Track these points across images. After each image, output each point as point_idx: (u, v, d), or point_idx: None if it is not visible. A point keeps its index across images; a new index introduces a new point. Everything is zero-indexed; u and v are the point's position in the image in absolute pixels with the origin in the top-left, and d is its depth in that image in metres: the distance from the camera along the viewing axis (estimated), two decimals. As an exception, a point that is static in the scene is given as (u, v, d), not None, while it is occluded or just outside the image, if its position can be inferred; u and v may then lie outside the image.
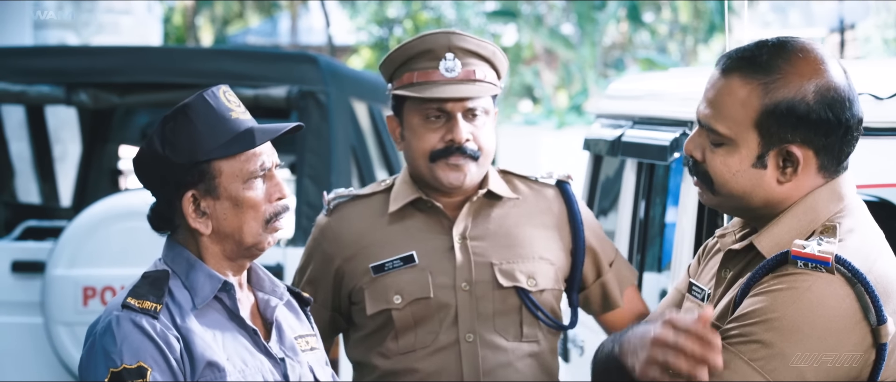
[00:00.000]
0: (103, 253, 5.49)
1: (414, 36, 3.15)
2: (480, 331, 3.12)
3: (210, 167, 2.45)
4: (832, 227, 2.24)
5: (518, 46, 25.50)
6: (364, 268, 3.16)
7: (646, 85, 4.55)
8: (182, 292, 2.47)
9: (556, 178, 3.29)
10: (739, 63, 2.26)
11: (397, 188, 3.22)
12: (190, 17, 27.25)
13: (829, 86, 2.23)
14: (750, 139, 2.25)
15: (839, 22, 18.28)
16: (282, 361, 2.53)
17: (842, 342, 2.15)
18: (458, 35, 3.10)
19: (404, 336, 3.14)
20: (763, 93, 2.23)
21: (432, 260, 3.14)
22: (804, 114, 2.22)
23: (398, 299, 3.13)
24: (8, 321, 5.69)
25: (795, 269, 2.18)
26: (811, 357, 2.14)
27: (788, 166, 2.26)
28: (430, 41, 3.09)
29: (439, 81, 3.08)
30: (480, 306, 3.13)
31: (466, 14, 25.91)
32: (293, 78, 5.73)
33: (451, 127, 3.09)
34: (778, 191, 2.28)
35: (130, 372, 2.37)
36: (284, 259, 5.47)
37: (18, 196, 7.39)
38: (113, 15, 9.80)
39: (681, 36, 26.19)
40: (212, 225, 2.48)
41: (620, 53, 26.51)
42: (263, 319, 2.58)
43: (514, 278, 3.14)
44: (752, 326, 2.17)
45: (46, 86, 5.89)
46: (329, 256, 3.21)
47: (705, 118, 2.29)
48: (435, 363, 3.12)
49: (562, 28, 26.06)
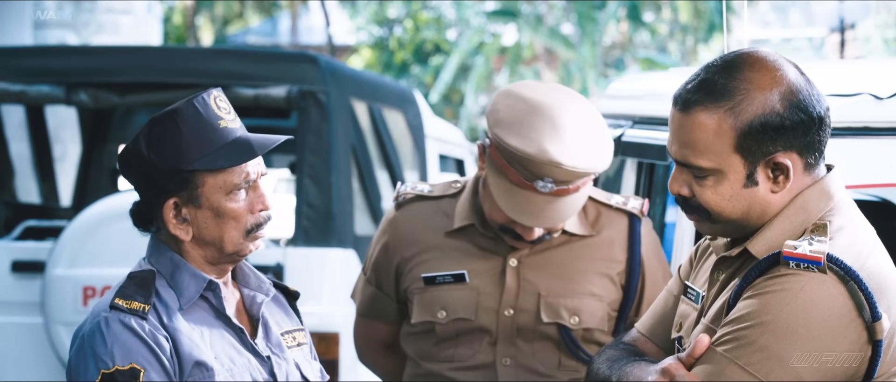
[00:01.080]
0: (103, 252, 5.48)
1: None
2: (518, 357, 3.13)
3: (193, 176, 2.43)
4: (823, 226, 2.24)
5: (518, 46, 25.49)
6: (417, 275, 3.20)
7: (646, 85, 4.55)
8: (168, 292, 2.47)
9: (630, 209, 3.22)
10: (697, 96, 2.26)
11: (463, 201, 3.21)
12: (190, 16, 27.24)
13: (791, 89, 2.24)
14: (734, 163, 2.26)
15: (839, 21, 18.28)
16: (267, 359, 2.52)
17: (838, 341, 2.15)
18: (562, 169, 2.94)
19: (445, 348, 3.17)
20: (733, 118, 2.23)
21: (482, 282, 3.14)
22: (779, 124, 2.23)
23: (442, 314, 3.15)
24: (8, 321, 5.68)
25: (787, 270, 2.18)
26: (807, 357, 2.14)
27: (779, 174, 2.27)
28: (534, 165, 2.94)
29: (530, 191, 2.97)
30: (521, 333, 3.13)
31: (466, 14, 25.91)
32: (293, 78, 5.72)
33: (526, 229, 3.06)
34: (774, 200, 2.28)
35: (123, 374, 2.36)
36: (284, 259, 5.46)
37: (18, 195, 7.37)
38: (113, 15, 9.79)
39: (681, 35, 26.20)
40: (192, 232, 2.46)
41: (620, 53, 26.51)
42: (250, 316, 2.57)
43: (558, 314, 3.12)
44: (746, 330, 2.17)
45: (46, 86, 5.89)
46: (392, 250, 3.25)
47: (683, 157, 2.29)
48: (472, 376, 3.15)
49: (562, 28, 26.05)
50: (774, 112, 2.22)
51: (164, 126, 2.44)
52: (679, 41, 26.46)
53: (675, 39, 26.53)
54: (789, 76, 2.25)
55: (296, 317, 2.68)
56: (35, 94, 5.89)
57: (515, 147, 2.94)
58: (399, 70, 27.23)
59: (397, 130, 6.65)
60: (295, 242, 5.58)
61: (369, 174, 6.27)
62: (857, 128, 3.14)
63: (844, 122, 3.11)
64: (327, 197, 5.58)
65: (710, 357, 2.20)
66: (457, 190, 3.25)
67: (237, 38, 29.45)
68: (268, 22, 30.83)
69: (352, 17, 28.04)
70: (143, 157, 2.44)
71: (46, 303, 5.50)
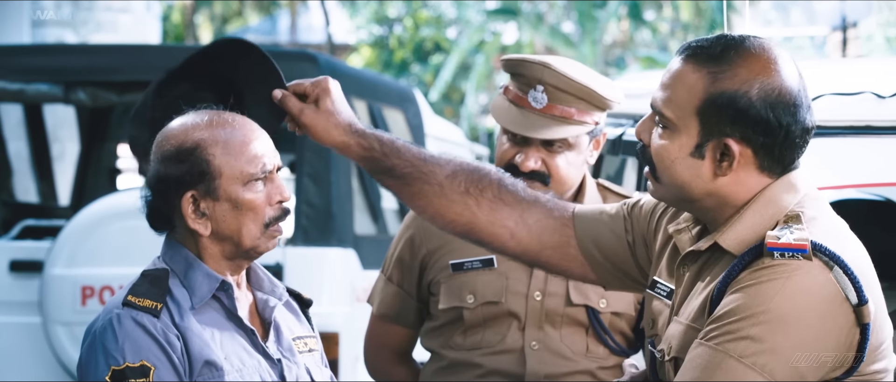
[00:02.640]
0: (102, 252, 5.48)
1: (512, 52, 3.22)
2: (546, 341, 3.18)
3: (209, 166, 2.44)
4: (796, 216, 2.24)
5: (518, 44, 25.49)
6: (444, 264, 3.24)
7: (647, 83, 4.53)
8: (181, 291, 2.46)
9: None
10: (695, 51, 2.29)
11: None
12: (189, 15, 27.24)
13: (776, 87, 2.24)
14: (690, 126, 2.26)
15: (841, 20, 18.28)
16: (278, 362, 2.52)
17: (829, 327, 2.15)
18: (551, 70, 3.16)
19: (472, 334, 3.21)
20: (709, 82, 2.25)
21: (511, 267, 3.19)
22: (744, 108, 2.23)
23: (471, 299, 3.20)
24: (6, 320, 5.68)
25: (773, 261, 2.17)
26: (802, 345, 2.13)
27: (725, 160, 2.26)
28: (525, 67, 3.17)
29: (526, 108, 3.16)
30: (549, 318, 3.19)
31: (467, 12, 25.91)
32: (293, 76, 5.69)
33: (524, 152, 3.18)
34: (717, 186, 2.28)
35: (134, 371, 2.35)
36: (284, 258, 5.46)
37: (16, 195, 7.37)
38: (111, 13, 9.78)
39: (682, 34, 26.19)
40: (211, 227, 2.46)
41: (621, 52, 26.51)
42: (262, 319, 2.57)
43: (587, 296, 3.19)
44: (738, 323, 2.15)
45: (45, 85, 5.88)
46: (417, 244, 3.29)
47: (655, 101, 2.32)
48: (499, 361, 3.19)
49: (562, 26, 26.06)
50: (747, 96, 2.23)
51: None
52: (680, 40, 26.45)
53: (677, 38, 26.52)
54: (783, 77, 2.25)
55: (308, 324, 2.69)
56: (33, 93, 5.89)
57: (510, 59, 3.20)
58: (399, 69, 27.23)
59: (397, 129, 6.63)
60: (294, 242, 5.57)
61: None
62: (859, 126, 3.13)
63: (846, 121, 3.10)
64: (327, 197, 5.57)
65: (703, 353, 2.18)
66: None
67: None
68: (267, 20, 30.83)
69: (351, 16, 28.05)
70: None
71: (44, 303, 5.50)
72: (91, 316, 5.02)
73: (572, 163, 3.19)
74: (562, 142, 3.16)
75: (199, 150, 2.45)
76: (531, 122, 3.15)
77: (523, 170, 3.15)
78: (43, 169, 7.35)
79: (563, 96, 3.14)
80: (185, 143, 2.46)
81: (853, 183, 3.24)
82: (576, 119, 3.17)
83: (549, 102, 3.14)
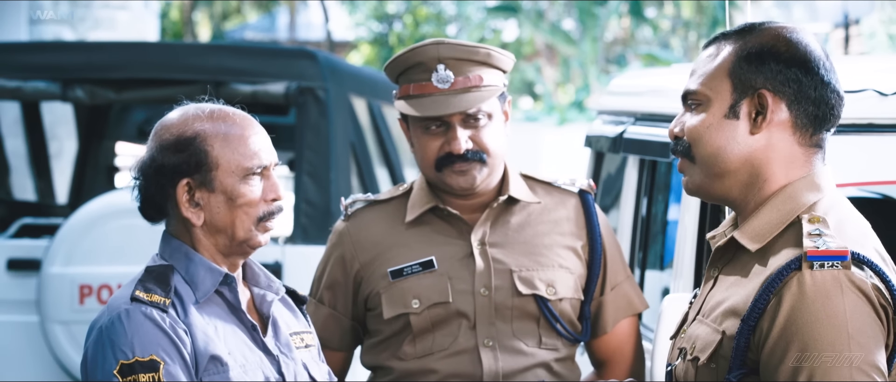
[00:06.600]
0: (99, 250, 5.47)
1: (407, 46, 3.18)
2: (499, 337, 3.13)
3: (207, 157, 2.44)
4: (823, 220, 2.23)
5: (519, 42, 25.48)
6: (382, 273, 3.17)
7: (648, 81, 4.52)
8: (183, 286, 2.46)
9: (579, 187, 3.29)
10: (724, 35, 2.33)
11: (415, 194, 3.24)
12: (187, 12, 27.22)
13: (804, 43, 2.28)
14: (723, 90, 2.28)
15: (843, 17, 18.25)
16: (276, 358, 2.52)
17: (878, 332, 2.15)
18: (446, 44, 3.12)
19: (422, 341, 3.15)
20: (739, 47, 2.29)
21: (451, 266, 3.15)
22: (775, 55, 2.25)
23: (416, 303, 3.14)
24: (3, 319, 5.68)
25: (814, 272, 2.15)
26: (865, 351, 2.12)
27: (759, 116, 2.26)
28: (419, 54, 3.13)
29: (434, 93, 3.12)
30: (499, 312, 3.14)
31: (467, 10, 25.89)
32: (292, 74, 5.71)
33: (450, 136, 3.12)
34: (752, 151, 2.27)
35: (143, 365, 2.34)
36: (283, 257, 5.45)
37: (14, 193, 7.36)
38: (109, 10, 9.76)
39: (683, 31, 26.18)
40: (204, 217, 2.47)
41: (622, 49, 26.49)
42: (260, 315, 2.57)
43: (534, 286, 3.15)
44: (806, 355, 2.14)
45: (42, 82, 5.86)
46: (348, 261, 3.22)
47: (686, 87, 2.34)
48: (454, 364, 3.13)
49: (563, 23, 26.04)
50: (776, 47, 2.26)
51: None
52: (681, 37, 26.44)
53: (678, 35, 26.50)
54: (809, 39, 2.29)
55: (304, 320, 2.68)
56: (31, 91, 5.87)
57: (399, 56, 3.17)
58: (399, 66, 27.17)
59: (396, 127, 6.62)
60: (293, 240, 5.56)
61: (368, 171, 6.26)
62: (861, 124, 3.12)
63: (848, 119, 3.06)
64: (326, 195, 5.56)
65: None
66: (405, 190, 3.28)
67: (235, 33, 29.42)
68: (266, 17, 30.81)
69: (351, 13, 28.03)
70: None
71: (42, 302, 5.49)
72: (89, 314, 5.02)
73: (498, 133, 3.17)
74: (483, 115, 3.14)
75: (199, 140, 2.46)
76: (447, 101, 3.12)
77: (458, 153, 3.10)
78: (40, 167, 7.33)
79: (465, 66, 3.13)
80: (185, 133, 2.46)
81: (855, 181, 3.22)
82: (485, 84, 3.15)
83: (455, 76, 3.12)
